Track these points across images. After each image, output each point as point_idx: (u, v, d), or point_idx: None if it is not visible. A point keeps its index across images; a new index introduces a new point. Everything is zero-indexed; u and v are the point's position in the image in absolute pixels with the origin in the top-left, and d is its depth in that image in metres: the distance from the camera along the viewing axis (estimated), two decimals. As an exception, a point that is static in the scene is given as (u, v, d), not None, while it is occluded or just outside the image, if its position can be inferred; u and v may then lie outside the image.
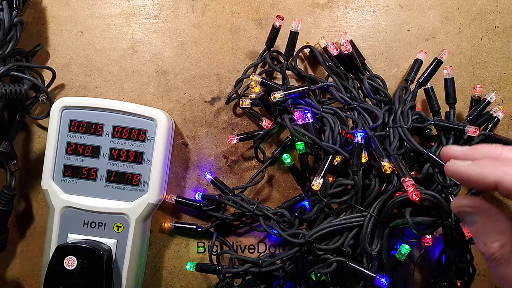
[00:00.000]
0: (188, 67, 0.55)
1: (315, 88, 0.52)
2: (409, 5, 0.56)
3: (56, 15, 0.55)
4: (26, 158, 0.54)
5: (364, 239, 0.47)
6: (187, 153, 0.55)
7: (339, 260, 0.48)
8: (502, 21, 0.56)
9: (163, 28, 0.55)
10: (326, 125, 0.50)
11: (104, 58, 0.55)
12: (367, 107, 0.51)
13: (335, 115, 0.51)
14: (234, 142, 0.53)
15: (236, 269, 0.51)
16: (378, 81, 0.54)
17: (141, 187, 0.48)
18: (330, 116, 0.50)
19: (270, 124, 0.52)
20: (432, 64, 0.53)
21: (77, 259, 0.45)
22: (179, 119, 0.55)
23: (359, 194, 0.49)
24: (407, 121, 0.50)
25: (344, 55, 0.51)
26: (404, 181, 0.45)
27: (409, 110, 0.51)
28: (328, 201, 0.50)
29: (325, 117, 0.50)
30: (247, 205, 0.51)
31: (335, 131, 0.50)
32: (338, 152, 0.49)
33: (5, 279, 0.54)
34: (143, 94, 0.54)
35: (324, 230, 0.48)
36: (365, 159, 0.49)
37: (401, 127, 0.49)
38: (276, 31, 0.52)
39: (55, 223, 0.48)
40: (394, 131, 0.50)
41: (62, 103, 0.48)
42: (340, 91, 0.52)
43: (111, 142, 0.48)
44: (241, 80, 0.54)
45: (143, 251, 0.51)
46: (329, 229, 0.48)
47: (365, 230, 0.47)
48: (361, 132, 0.48)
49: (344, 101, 0.51)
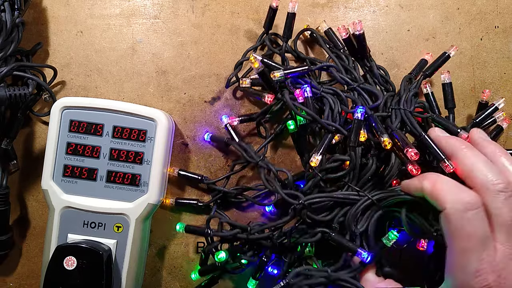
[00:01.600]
0: (188, 67, 0.55)
1: (316, 68, 0.52)
2: (409, 5, 0.56)
3: (56, 15, 0.55)
4: (26, 158, 0.54)
5: (351, 216, 0.47)
6: (187, 153, 0.55)
7: (324, 231, 0.48)
8: (502, 21, 0.56)
9: (163, 28, 0.55)
10: (326, 105, 0.50)
11: (104, 58, 0.55)
12: (368, 88, 0.51)
13: (335, 95, 0.50)
14: (235, 124, 0.53)
15: (224, 233, 0.50)
16: (381, 71, 0.54)
17: (141, 188, 0.48)
18: (330, 96, 0.50)
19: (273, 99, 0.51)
20: (440, 58, 0.53)
21: (77, 259, 0.45)
22: (179, 119, 0.55)
23: (356, 170, 0.48)
24: (410, 105, 0.50)
25: (356, 36, 0.51)
26: (407, 151, 0.45)
27: (412, 96, 0.51)
28: (323, 176, 0.49)
29: (325, 97, 0.50)
30: (254, 155, 0.50)
31: (334, 110, 0.49)
32: (338, 130, 0.48)
33: (5, 279, 0.54)
34: (143, 94, 0.54)
35: (320, 199, 0.48)
36: (364, 137, 0.48)
37: (404, 109, 0.49)
38: (274, 12, 0.52)
39: (55, 223, 0.48)
40: (397, 112, 0.50)
41: (62, 103, 0.48)
42: (341, 72, 0.51)
43: (111, 142, 0.48)
44: (240, 63, 0.54)
45: (143, 252, 0.51)
46: (325, 199, 0.48)
47: (356, 208, 0.47)
48: (362, 108, 0.47)
49: (344, 81, 0.51)
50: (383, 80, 0.53)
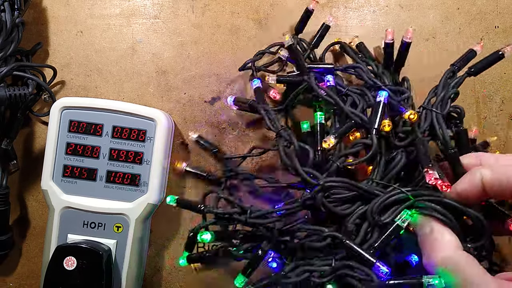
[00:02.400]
0: (188, 67, 0.55)
1: (342, 68, 0.51)
2: (409, 5, 0.56)
3: (56, 15, 0.55)
4: (26, 158, 0.54)
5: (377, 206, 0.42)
6: (187, 153, 0.55)
7: (335, 236, 0.42)
8: (502, 21, 0.56)
9: (163, 28, 0.55)
10: (349, 101, 0.49)
11: (104, 58, 0.55)
12: (394, 88, 0.48)
13: (361, 95, 0.49)
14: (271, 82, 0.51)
15: (220, 211, 0.44)
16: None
17: (140, 188, 0.48)
18: (355, 96, 0.49)
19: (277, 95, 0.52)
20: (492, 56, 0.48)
21: (76, 259, 0.45)
22: (179, 119, 0.55)
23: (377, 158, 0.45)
24: (444, 108, 0.45)
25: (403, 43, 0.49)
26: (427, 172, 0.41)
27: (449, 99, 0.46)
28: (341, 163, 0.45)
29: (350, 95, 0.49)
30: (277, 122, 0.47)
31: (358, 107, 0.48)
32: (360, 118, 0.45)
33: (5, 279, 0.54)
34: (143, 94, 0.54)
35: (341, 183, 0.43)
36: (389, 126, 0.44)
37: (436, 112, 0.45)
38: (309, 15, 0.52)
39: (55, 224, 0.48)
40: (427, 113, 0.45)
41: (61, 104, 0.48)
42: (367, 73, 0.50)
43: (110, 142, 0.48)
44: (262, 53, 0.54)
45: (143, 252, 0.51)
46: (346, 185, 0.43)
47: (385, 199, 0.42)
48: (385, 92, 0.45)
49: (372, 81, 0.49)
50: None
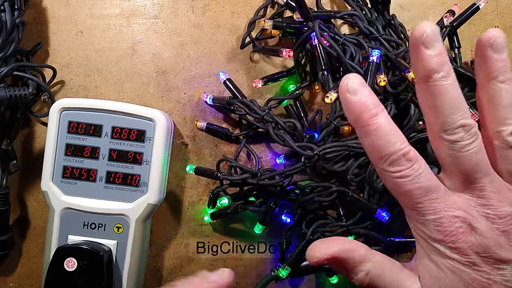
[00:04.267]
0: (188, 67, 0.55)
1: (339, 15, 0.51)
2: (409, 5, 0.56)
3: (56, 15, 0.55)
4: (26, 158, 0.54)
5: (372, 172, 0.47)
6: (187, 153, 0.55)
7: (341, 190, 0.48)
8: (502, 21, 0.55)
9: (163, 28, 0.55)
10: (348, 53, 0.49)
11: (104, 58, 0.55)
12: (390, 38, 0.50)
13: (358, 45, 0.50)
14: (259, 86, 0.53)
15: (234, 177, 0.51)
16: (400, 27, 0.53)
17: (140, 188, 0.48)
18: (352, 46, 0.50)
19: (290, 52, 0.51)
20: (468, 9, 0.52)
21: (77, 260, 0.45)
22: (179, 119, 0.55)
23: None
24: None
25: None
26: None
27: None
28: (338, 123, 0.49)
29: (347, 45, 0.50)
30: (258, 110, 0.50)
31: (355, 59, 0.49)
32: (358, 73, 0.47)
33: (5, 279, 0.54)
34: (143, 94, 0.54)
35: (335, 148, 0.48)
36: (384, 81, 0.47)
37: None
38: None
39: (55, 225, 0.48)
40: None
41: (61, 105, 0.48)
42: (363, 21, 0.51)
43: (110, 143, 0.48)
44: (253, 22, 0.54)
45: (144, 252, 0.51)
46: (340, 148, 0.48)
47: None
48: (377, 51, 0.46)
49: (368, 30, 0.50)
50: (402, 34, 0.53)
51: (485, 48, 0.34)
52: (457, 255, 0.34)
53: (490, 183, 0.34)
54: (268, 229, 0.54)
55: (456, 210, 0.34)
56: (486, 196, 0.34)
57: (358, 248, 0.38)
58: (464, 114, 0.33)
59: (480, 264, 0.33)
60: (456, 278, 0.34)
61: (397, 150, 0.33)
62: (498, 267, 0.33)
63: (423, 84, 0.34)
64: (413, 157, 0.33)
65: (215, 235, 0.55)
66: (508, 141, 0.34)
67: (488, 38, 0.34)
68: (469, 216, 0.33)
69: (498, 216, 0.33)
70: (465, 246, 0.33)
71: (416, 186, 0.33)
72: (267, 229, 0.54)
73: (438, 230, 0.34)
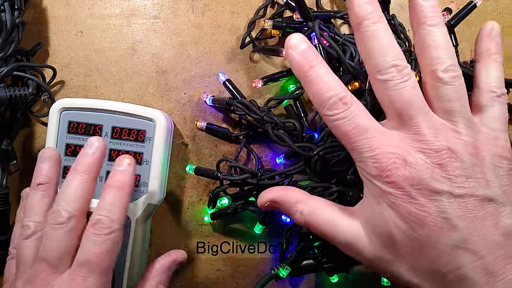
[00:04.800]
0: (188, 67, 0.55)
1: (339, 15, 0.51)
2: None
3: (56, 15, 0.55)
4: (26, 158, 0.54)
5: None
6: (187, 153, 0.55)
7: (341, 191, 0.48)
8: (502, 21, 0.55)
9: (163, 28, 0.55)
10: (347, 53, 0.49)
11: (104, 58, 0.55)
12: None
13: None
14: (259, 86, 0.53)
15: (234, 177, 0.51)
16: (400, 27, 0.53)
17: (140, 188, 0.48)
18: (352, 46, 0.50)
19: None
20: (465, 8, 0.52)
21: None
22: (179, 119, 0.55)
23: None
24: None
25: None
26: None
27: None
28: None
29: (346, 45, 0.50)
30: (257, 110, 0.50)
31: (355, 59, 0.49)
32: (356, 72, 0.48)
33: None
34: (143, 94, 0.54)
35: (331, 148, 0.48)
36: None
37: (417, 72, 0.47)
38: None
39: (55, 224, 0.48)
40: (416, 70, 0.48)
41: (60, 105, 0.48)
42: None
43: (110, 143, 0.48)
44: (253, 22, 0.54)
45: (144, 252, 0.51)
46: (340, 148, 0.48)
47: None
48: None
49: None
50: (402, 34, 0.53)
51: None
52: (393, 188, 0.36)
53: (424, 120, 0.36)
54: (268, 229, 0.54)
55: (392, 147, 0.36)
56: (421, 132, 0.36)
57: (292, 192, 0.43)
58: (396, 56, 0.36)
59: (415, 197, 0.35)
60: (394, 212, 0.36)
61: (334, 95, 0.37)
62: (432, 198, 0.35)
63: (357, 31, 0.38)
64: (349, 101, 0.37)
65: (215, 235, 0.55)
66: (441, 78, 0.37)
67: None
68: (404, 152, 0.36)
69: (433, 150, 0.35)
70: (399, 179, 0.35)
71: (352, 127, 0.36)
72: (267, 229, 0.54)
73: (375, 167, 0.36)
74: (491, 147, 0.37)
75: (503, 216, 0.35)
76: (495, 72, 0.40)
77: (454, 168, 0.35)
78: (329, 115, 0.37)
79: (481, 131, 0.38)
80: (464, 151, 0.36)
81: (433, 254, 0.35)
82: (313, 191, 0.50)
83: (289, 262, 0.50)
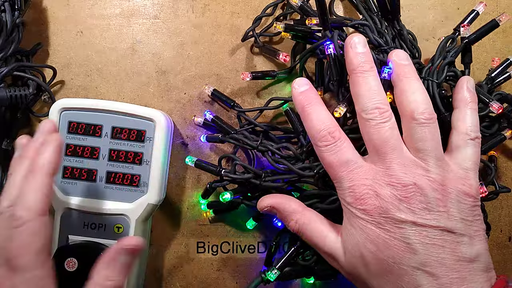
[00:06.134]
0: (188, 67, 0.55)
1: (351, 24, 0.51)
2: (409, 5, 0.56)
3: (56, 15, 0.55)
4: (27, 158, 0.54)
5: None
6: (187, 153, 0.55)
7: None
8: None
9: (163, 28, 0.55)
10: None
11: (104, 58, 0.55)
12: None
13: None
14: (247, 79, 0.53)
15: (237, 176, 0.50)
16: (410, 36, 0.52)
17: (140, 188, 0.49)
18: None
19: (287, 57, 0.52)
20: (488, 24, 0.50)
21: (78, 261, 0.45)
22: (179, 119, 0.55)
23: None
24: (440, 76, 0.47)
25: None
26: None
27: (446, 65, 0.48)
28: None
29: None
30: (251, 142, 0.50)
31: None
32: None
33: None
34: (143, 94, 0.54)
35: None
36: (390, 98, 0.46)
37: (432, 80, 0.47)
38: None
39: (56, 225, 0.48)
40: (424, 83, 0.46)
41: (60, 105, 0.48)
42: (374, 33, 0.50)
43: (110, 143, 0.48)
44: (259, 18, 0.54)
45: (143, 252, 0.51)
46: None
47: None
48: (388, 68, 0.45)
49: (377, 42, 0.49)
50: (411, 45, 0.51)
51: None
52: (365, 215, 0.41)
53: (397, 157, 0.41)
54: (268, 229, 0.55)
55: (366, 179, 0.42)
56: (392, 167, 0.41)
57: (290, 202, 0.47)
58: (380, 100, 0.42)
59: (383, 223, 0.40)
60: (364, 235, 0.41)
61: (325, 129, 0.43)
62: (397, 225, 0.40)
63: (351, 75, 0.44)
64: (337, 136, 0.43)
65: (215, 235, 0.55)
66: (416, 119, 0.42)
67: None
68: (376, 185, 0.41)
69: (402, 184, 0.40)
70: (370, 208, 0.41)
71: (336, 159, 0.42)
72: (267, 229, 0.54)
73: (351, 195, 0.42)
74: (459, 185, 0.41)
75: (461, 245, 0.40)
76: (471, 118, 0.44)
77: (418, 202, 0.40)
78: (319, 146, 0.43)
79: (451, 170, 0.42)
80: (429, 187, 0.40)
81: (397, 274, 0.40)
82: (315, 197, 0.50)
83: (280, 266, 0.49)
